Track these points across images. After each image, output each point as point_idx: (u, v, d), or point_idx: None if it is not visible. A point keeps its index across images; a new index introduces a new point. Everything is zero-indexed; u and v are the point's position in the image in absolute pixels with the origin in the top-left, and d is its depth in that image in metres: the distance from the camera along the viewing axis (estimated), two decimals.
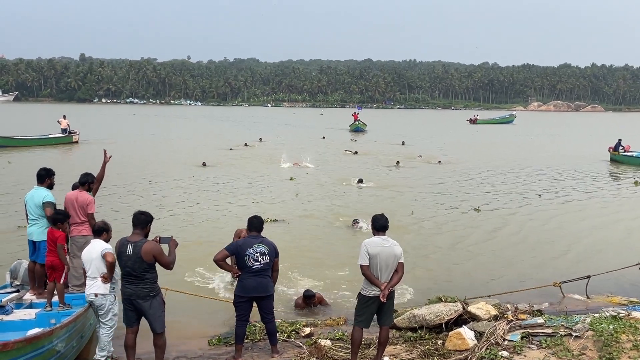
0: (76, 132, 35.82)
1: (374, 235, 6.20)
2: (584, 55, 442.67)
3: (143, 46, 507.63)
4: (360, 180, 20.94)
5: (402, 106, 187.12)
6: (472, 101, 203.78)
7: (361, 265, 6.07)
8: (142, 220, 6.01)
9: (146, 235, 6.06)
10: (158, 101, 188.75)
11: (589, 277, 9.11)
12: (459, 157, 32.20)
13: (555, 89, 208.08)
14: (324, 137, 45.58)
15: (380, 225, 6.18)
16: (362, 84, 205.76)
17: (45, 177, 7.50)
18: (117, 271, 6.41)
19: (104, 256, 6.18)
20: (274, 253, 6.47)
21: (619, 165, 29.64)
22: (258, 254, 6.33)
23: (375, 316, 6.26)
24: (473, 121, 79.38)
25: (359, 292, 6.23)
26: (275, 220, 14.53)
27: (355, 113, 57.39)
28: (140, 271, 5.86)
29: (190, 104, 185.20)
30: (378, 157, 30.78)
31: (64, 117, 36.56)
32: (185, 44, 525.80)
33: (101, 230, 6.39)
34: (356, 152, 20.04)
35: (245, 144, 36.37)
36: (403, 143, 40.52)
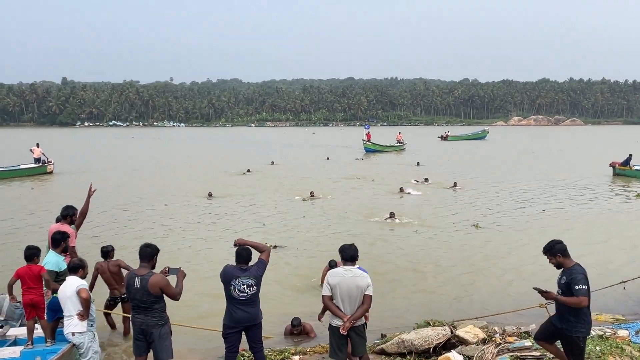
0: (51, 162, 33.19)
1: (343, 264, 6.16)
2: (562, 69, 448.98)
3: (125, 69, 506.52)
4: (392, 215, 18.21)
5: (385, 123, 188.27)
6: (454, 117, 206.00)
7: (322, 296, 6.09)
8: (148, 253, 6.12)
9: (153, 267, 6.16)
10: (141, 123, 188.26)
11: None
12: (468, 176, 31.25)
13: (535, 104, 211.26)
14: (328, 158, 44.08)
15: (348, 255, 6.12)
16: (344, 102, 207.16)
17: (61, 241, 7.29)
18: (93, 307, 6.35)
19: (78, 292, 6.13)
20: (260, 278, 6.39)
21: (630, 180, 28.70)
22: (244, 286, 6.25)
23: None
24: (444, 138, 78.36)
25: (329, 323, 6.22)
26: (276, 246, 14.31)
27: (368, 133, 53.48)
28: (148, 303, 5.99)
29: (173, 126, 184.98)
30: (387, 181, 29.08)
31: (37, 145, 33.74)
32: (168, 65, 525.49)
33: (77, 267, 6.35)
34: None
35: (249, 170, 33.71)
36: (418, 164, 38.19)
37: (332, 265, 8.66)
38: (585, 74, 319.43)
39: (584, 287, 5.62)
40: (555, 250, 5.90)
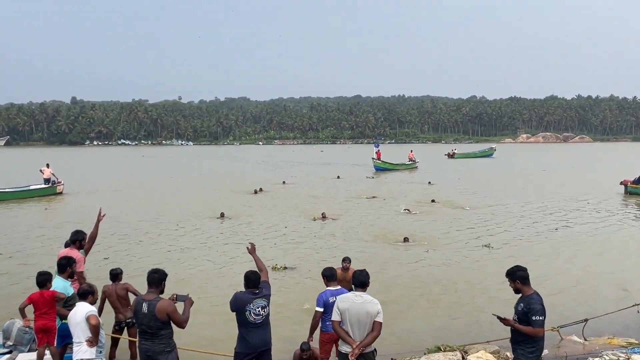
0: (60, 182, 33.06)
1: (354, 290, 6.10)
2: (570, 86, 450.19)
3: (134, 88, 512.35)
4: (406, 240, 17.97)
5: (393, 141, 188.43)
6: (462, 134, 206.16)
7: (332, 321, 6.03)
8: (156, 279, 6.09)
9: (161, 292, 6.13)
10: (150, 142, 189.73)
11: (586, 320, 9.06)
12: (479, 195, 30.94)
13: (543, 121, 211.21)
14: (338, 177, 44.16)
15: (359, 281, 6.06)
16: (352, 120, 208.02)
17: (67, 267, 7.23)
18: (102, 333, 6.33)
19: (87, 319, 6.11)
20: (269, 298, 6.40)
21: None
22: (259, 309, 6.24)
23: None
24: (451, 155, 78.35)
25: (338, 349, 6.13)
26: (286, 268, 14.25)
27: (378, 151, 52.95)
28: (155, 328, 5.94)
29: (182, 144, 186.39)
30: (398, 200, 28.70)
31: (47, 165, 33.39)
32: (176, 84, 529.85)
33: (86, 293, 6.34)
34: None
35: (261, 189, 33.54)
36: (429, 183, 38.36)
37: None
38: (593, 91, 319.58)
39: (541, 318, 5.76)
40: (515, 277, 6.01)
